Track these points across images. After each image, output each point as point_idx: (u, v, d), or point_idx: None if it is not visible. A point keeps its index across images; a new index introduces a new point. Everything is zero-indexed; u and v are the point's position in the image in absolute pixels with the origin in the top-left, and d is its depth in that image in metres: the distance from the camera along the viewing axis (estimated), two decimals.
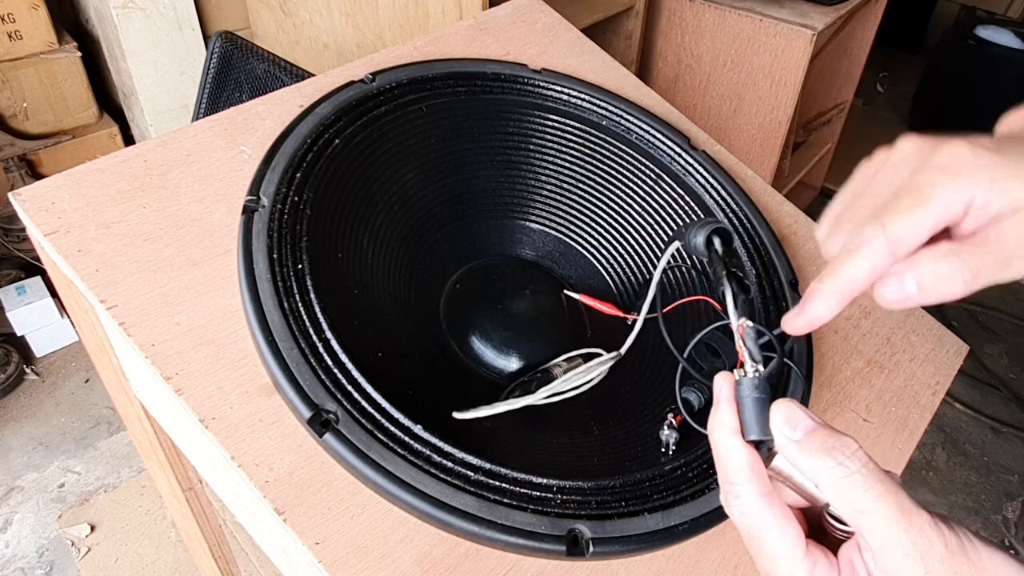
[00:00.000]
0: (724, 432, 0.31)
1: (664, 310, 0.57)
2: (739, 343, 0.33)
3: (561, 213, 0.64)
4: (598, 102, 0.66)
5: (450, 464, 0.42)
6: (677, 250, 0.58)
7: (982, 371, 1.87)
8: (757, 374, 0.31)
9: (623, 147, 0.64)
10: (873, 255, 0.30)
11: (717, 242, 0.44)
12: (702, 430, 0.40)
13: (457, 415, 0.45)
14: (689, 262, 0.60)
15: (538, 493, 0.43)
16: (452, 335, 0.55)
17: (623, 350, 0.55)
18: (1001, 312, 2.04)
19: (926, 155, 0.31)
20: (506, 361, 0.55)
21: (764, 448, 0.31)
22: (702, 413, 0.50)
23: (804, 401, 0.53)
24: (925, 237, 0.30)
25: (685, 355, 0.41)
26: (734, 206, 0.62)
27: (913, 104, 2.84)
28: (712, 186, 0.63)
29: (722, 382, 0.32)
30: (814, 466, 0.28)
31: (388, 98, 0.58)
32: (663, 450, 0.48)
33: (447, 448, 0.42)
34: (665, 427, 0.48)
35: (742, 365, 0.32)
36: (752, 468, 0.30)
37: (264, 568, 1.22)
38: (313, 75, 0.66)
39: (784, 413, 0.30)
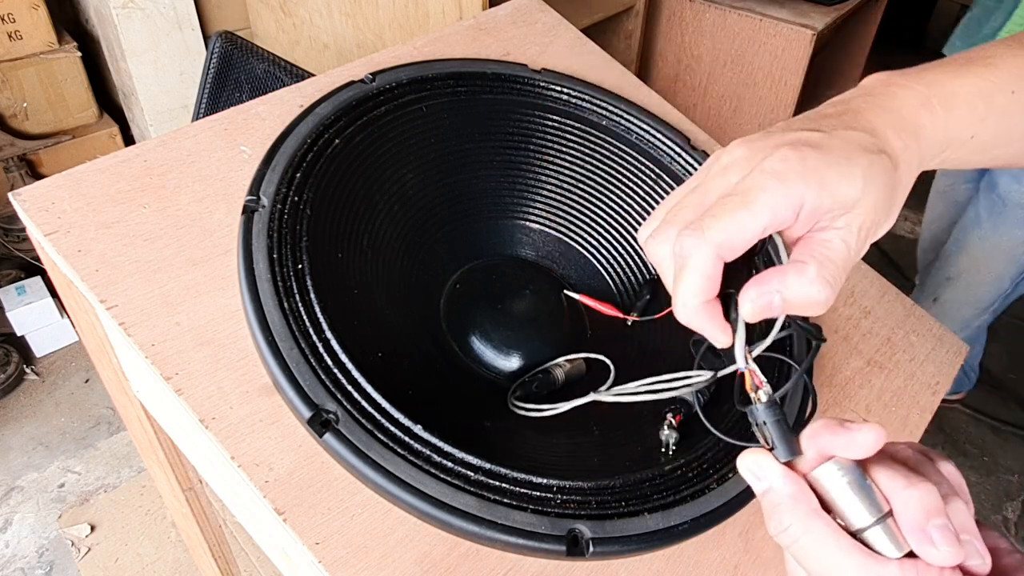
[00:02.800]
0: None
1: (662, 313, 0.57)
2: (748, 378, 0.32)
3: (561, 213, 0.64)
4: (598, 102, 0.66)
5: (450, 464, 0.42)
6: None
7: (982, 371, 1.86)
8: (768, 398, 0.32)
9: (623, 147, 0.64)
10: (701, 265, 0.30)
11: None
12: (716, 432, 0.40)
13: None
14: None
15: (538, 493, 0.43)
16: (452, 335, 0.55)
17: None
18: (1001, 312, 2.04)
19: (756, 160, 0.31)
20: (506, 361, 0.55)
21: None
22: (703, 412, 0.50)
23: (812, 407, 0.53)
24: (750, 240, 0.30)
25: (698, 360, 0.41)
26: None
27: None
28: None
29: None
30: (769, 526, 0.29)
31: (388, 98, 0.58)
32: (663, 450, 0.48)
33: (447, 448, 0.42)
34: (665, 427, 0.48)
35: (755, 390, 0.32)
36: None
37: (264, 568, 1.22)
38: (313, 75, 0.66)
39: (750, 467, 0.30)
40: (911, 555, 0.27)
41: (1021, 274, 1.10)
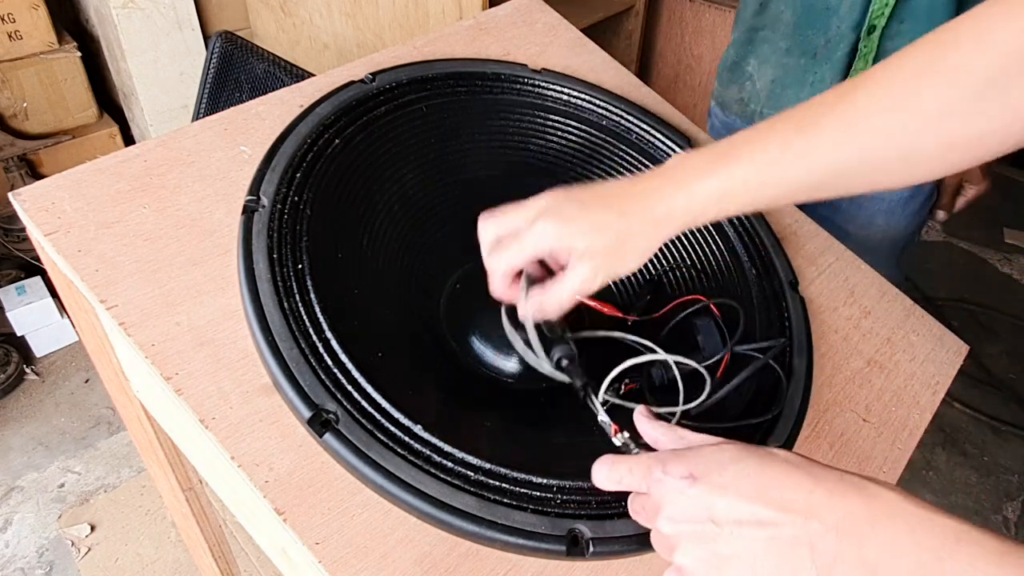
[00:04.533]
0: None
1: (661, 311, 0.57)
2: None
3: None
4: (598, 102, 0.66)
5: (450, 464, 0.42)
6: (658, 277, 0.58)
7: (982, 371, 1.86)
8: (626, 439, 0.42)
9: (623, 147, 0.64)
10: (495, 277, 0.48)
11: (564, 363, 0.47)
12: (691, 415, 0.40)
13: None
14: (689, 261, 0.60)
15: (538, 493, 0.43)
16: (452, 335, 0.55)
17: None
18: (1001, 312, 2.04)
19: (542, 210, 0.47)
20: (506, 361, 0.55)
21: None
22: (661, 389, 0.50)
23: (804, 402, 0.53)
24: (523, 261, 0.47)
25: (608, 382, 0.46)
26: None
27: None
28: None
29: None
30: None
31: (388, 98, 0.58)
32: (594, 398, 0.45)
33: (447, 448, 0.42)
34: (611, 390, 0.47)
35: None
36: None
37: (264, 568, 1.22)
38: (313, 75, 0.66)
39: (643, 416, 0.43)
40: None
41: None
